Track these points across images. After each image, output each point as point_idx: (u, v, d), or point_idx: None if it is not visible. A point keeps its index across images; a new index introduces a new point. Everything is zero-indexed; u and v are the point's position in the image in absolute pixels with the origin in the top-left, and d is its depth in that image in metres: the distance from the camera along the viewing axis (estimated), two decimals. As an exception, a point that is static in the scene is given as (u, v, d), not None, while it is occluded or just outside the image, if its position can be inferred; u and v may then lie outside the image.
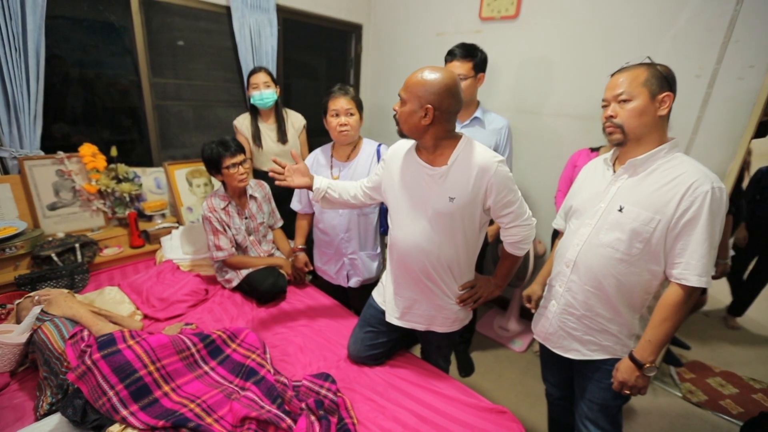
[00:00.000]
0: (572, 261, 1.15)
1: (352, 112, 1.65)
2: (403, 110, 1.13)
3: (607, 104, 1.07)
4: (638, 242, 1.02)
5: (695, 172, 0.97)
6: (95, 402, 1.06)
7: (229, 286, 1.88)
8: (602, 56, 2.01)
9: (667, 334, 1.02)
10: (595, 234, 1.10)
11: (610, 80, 1.07)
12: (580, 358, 1.18)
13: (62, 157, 1.92)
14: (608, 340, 1.13)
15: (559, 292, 1.20)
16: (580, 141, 2.12)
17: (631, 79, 1.01)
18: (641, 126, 1.02)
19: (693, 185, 0.96)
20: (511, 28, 2.30)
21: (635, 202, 1.03)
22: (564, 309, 1.19)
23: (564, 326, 1.20)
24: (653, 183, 1.01)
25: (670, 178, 0.99)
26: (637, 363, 1.04)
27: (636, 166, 1.05)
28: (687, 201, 0.96)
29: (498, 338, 2.44)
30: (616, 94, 1.03)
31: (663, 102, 1.00)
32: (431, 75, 1.08)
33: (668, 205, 0.98)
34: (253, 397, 1.14)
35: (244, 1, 2.29)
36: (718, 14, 1.67)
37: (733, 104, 1.69)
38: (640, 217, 1.01)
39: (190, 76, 2.38)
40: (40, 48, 1.73)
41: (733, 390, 2.11)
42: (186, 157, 2.46)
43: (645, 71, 1.01)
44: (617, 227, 1.05)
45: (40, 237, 1.83)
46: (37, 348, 1.24)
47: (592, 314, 1.13)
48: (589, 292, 1.12)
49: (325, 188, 1.39)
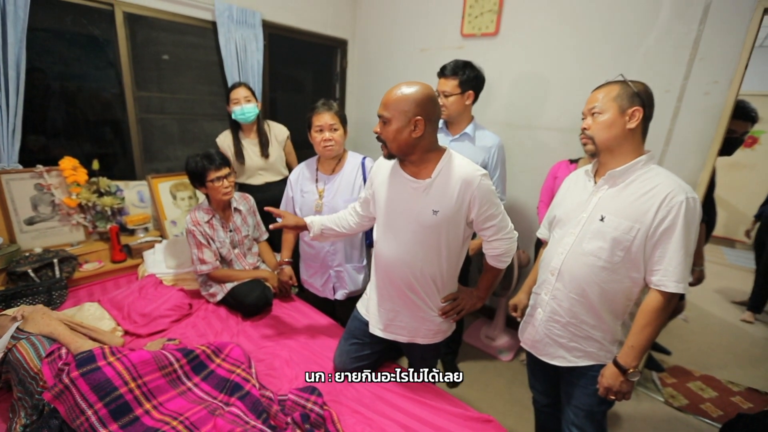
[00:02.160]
0: (557, 269, 1.18)
1: (336, 128, 1.66)
2: (389, 130, 1.12)
3: (585, 117, 1.14)
4: (619, 250, 1.06)
5: (670, 183, 1.02)
6: (73, 422, 1.02)
7: (213, 300, 1.86)
8: (578, 72, 2.09)
9: (649, 339, 1.06)
10: (578, 243, 1.13)
11: (591, 95, 1.13)
12: (565, 365, 1.21)
13: (41, 171, 1.88)
14: (592, 346, 1.16)
15: (545, 300, 1.22)
16: (560, 153, 2.19)
17: (604, 95, 1.08)
18: (610, 138, 1.08)
19: (668, 195, 1.00)
20: (492, 45, 2.39)
21: (616, 212, 1.07)
22: (550, 316, 1.21)
23: (550, 333, 1.22)
24: (632, 193, 1.06)
25: (647, 189, 1.04)
26: (621, 368, 1.08)
27: (615, 177, 1.10)
28: (663, 210, 1.01)
29: (485, 348, 2.45)
30: (590, 108, 1.11)
31: (632, 116, 1.05)
32: (411, 88, 1.10)
33: (646, 214, 1.02)
34: (237, 413, 1.12)
35: (230, 17, 2.32)
36: (683, 33, 1.77)
37: (701, 117, 1.78)
38: (621, 226, 1.05)
39: (174, 89, 2.38)
40: (20, 61, 1.71)
41: (712, 393, 2.16)
42: (170, 170, 2.44)
43: (617, 87, 1.07)
44: (599, 236, 1.09)
45: (16, 252, 1.78)
46: (11, 367, 1.20)
47: (577, 321, 1.16)
48: (573, 300, 1.15)
49: (319, 227, 1.46)
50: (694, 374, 2.31)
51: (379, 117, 1.14)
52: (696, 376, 2.30)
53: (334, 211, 1.71)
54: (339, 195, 1.72)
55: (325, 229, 1.47)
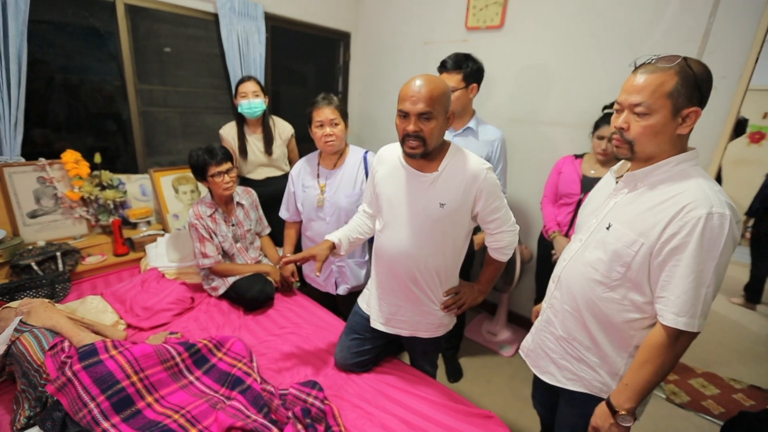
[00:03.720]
0: (557, 276, 1.08)
1: (336, 122, 1.64)
2: (432, 127, 1.07)
3: (621, 109, 0.89)
4: (619, 266, 0.90)
5: (695, 192, 0.81)
6: (75, 414, 1.03)
7: (215, 294, 1.86)
8: (584, 66, 2.06)
9: (647, 380, 0.88)
10: (582, 251, 1.00)
11: (632, 78, 0.86)
12: (554, 384, 1.09)
13: (44, 164, 1.88)
14: (585, 371, 1.02)
15: (543, 308, 1.15)
16: (565, 148, 2.16)
17: (655, 87, 0.82)
18: (654, 146, 0.87)
19: (686, 207, 0.81)
20: (497, 38, 2.35)
21: (624, 221, 0.91)
22: (544, 326, 1.12)
23: (543, 345, 1.12)
24: (648, 201, 0.88)
25: (667, 197, 0.85)
26: (612, 409, 0.92)
27: (636, 179, 0.92)
28: (675, 225, 0.82)
29: (486, 343, 2.45)
30: (633, 104, 0.85)
31: (687, 118, 0.83)
32: (441, 82, 1.09)
33: (654, 227, 0.84)
34: (239, 407, 1.13)
35: (232, 9, 2.30)
36: (692, 26, 1.73)
37: (709, 113, 1.74)
38: (624, 238, 0.89)
39: (177, 82, 2.36)
40: (21, 53, 1.70)
41: (714, 390, 2.15)
42: (172, 163, 2.43)
43: (675, 77, 0.81)
44: (601, 246, 0.94)
45: (19, 245, 1.79)
46: (15, 360, 1.21)
47: (569, 337, 1.04)
48: (566, 312, 1.04)
49: (347, 242, 1.37)
50: (696, 371, 2.31)
51: (420, 115, 1.06)
52: (698, 373, 2.29)
53: (336, 206, 1.70)
54: (341, 190, 1.71)
55: (352, 241, 1.40)
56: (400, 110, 1.10)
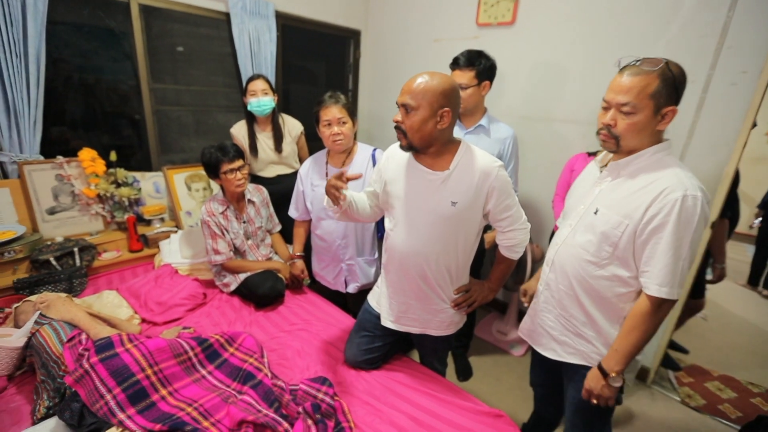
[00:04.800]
0: (551, 259, 1.18)
1: (344, 121, 1.63)
2: (414, 119, 1.08)
3: (608, 107, 0.99)
4: (607, 245, 1.01)
5: (670, 178, 0.93)
6: (92, 405, 1.06)
7: (227, 290, 1.89)
8: (597, 62, 2.03)
9: (634, 344, 1.00)
10: (572, 235, 1.11)
11: (618, 79, 0.96)
12: (556, 358, 1.19)
13: (61, 162, 1.93)
14: (583, 345, 1.13)
15: (539, 290, 1.24)
16: (577, 145, 2.13)
17: (641, 89, 0.92)
18: (637, 141, 0.98)
19: (664, 191, 0.92)
20: (508, 34, 2.33)
21: (609, 206, 1.03)
22: (543, 307, 1.22)
23: (543, 323, 1.22)
24: (630, 187, 1.00)
25: (646, 183, 0.97)
26: (603, 372, 1.03)
27: (619, 168, 1.04)
28: (655, 207, 0.93)
29: (496, 342, 2.44)
30: (620, 103, 0.95)
31: (665, 116, 0.94)
32: (438, 78, 1.08)
33: (637, 210, 0.96)
34: (250, 401, 1.14)
35: (243, 8, 2.32)
36: (710, 21, 1.69)
37: (727, 109, 1.71)
38: (611, 220, 1.00)
39: (189, 81, 2.40)
40: (40, 53, 1.75)
41: (731, 394, 2.11)
42: (185, 161, 2.47)
43: (657, 79, 0.91)
44: (590, 229, 1.05)
45: (38, 241, 1.84)
46: (35, 351, 1.25)
47: (567, 315, 1.15)
48: (562, 291, 1.14)
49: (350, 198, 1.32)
50: (713, 374, 2.26)
51: (402, 106, 1.09)
52: (714, 376, 2.24)
53: None
54: (350, 188, 1.71)
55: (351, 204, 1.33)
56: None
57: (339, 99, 1.63)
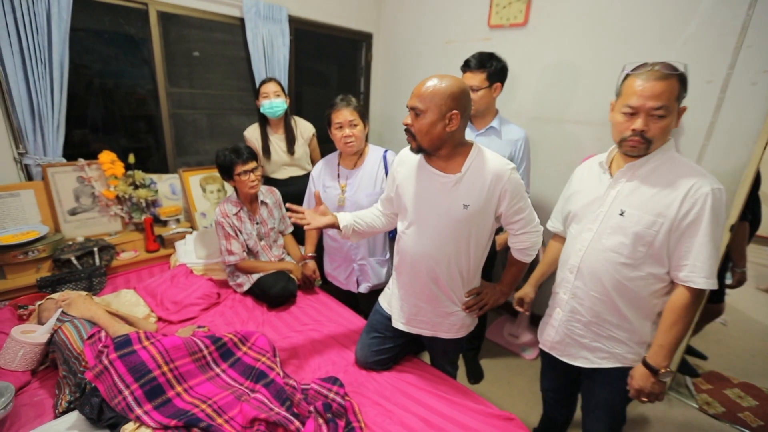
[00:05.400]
0: (576, 267, 1.14)
1: (355, 123, 1.65)
2: (423, 122, 1.09)
3: (635, 113, 0.98)
4: (641, 245, 1.02)
5: (693, 174, 0.98)
6: (111, 400, 1.09)
7: (240, 290, 1.92)
8: (613, 63, 2.00)
9: (677, 337, 1.02)
10: (597, 239, 1.09)
11: (643, 84, 0.95)
12: (588, 366, 1.18)
13: (83, 164, 1.99)
14: (617, 347, 1.12)
15: (564, 299, 1.19)
16: (590, 147, 2.11)
17: (670, 92, 0.94)
18: (662, 142, 1.01)
19: (693, 187, 0.96)
20: (520, 36, 2.32)
21: (637, 206, 1.03)
22: (570, 316, 1.18)
23: (571, 333, 1.19)
24: (653, 186, 1.02)
25: (670, 181, 0.99)
26: (652, 369, 1.04)
27: (635, 168, 1.05)
28: (688, 203, 0.96)
29: (508, 345, 2.42)
30: (654, 107, 0.95)
31: (679, 115, 0.99)
32: (447, 81, 1.08)
33: (670, 207, 0.98)
34: (262, 399, 1.16)
35: (257, 13, 2.36)
36: (729, 19, 1.65)
37: (747, 109, 1.67)
38: (643, 220, 1.01)
39: (204, 85, 2.45)
40: (64, 60, 1.81)
41: (752, 402, 2.04)
42: (200, 163, 2.52)
43: (677, 83, 0.95)
44: (619, 231, 1.04)
45: (60, 241, 1.90)
46: (57, 348, 1.29)
47: (599, 320, 1.13)
48: (594, 298, 1.12)
49: (351, 224, 1.36)
50: (732, 381, 2.20)
51: (412, 109, 1.11)
52: (734, 383, 2.18)
53: (357, 205, 1.72)
54: (361, 189, 1.73)
55: (358, 230, 1.38)
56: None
57: (350, 102, 1.65)
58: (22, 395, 1.24)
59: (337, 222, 1.34)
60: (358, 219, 1.39)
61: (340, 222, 1.34)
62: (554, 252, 1.36)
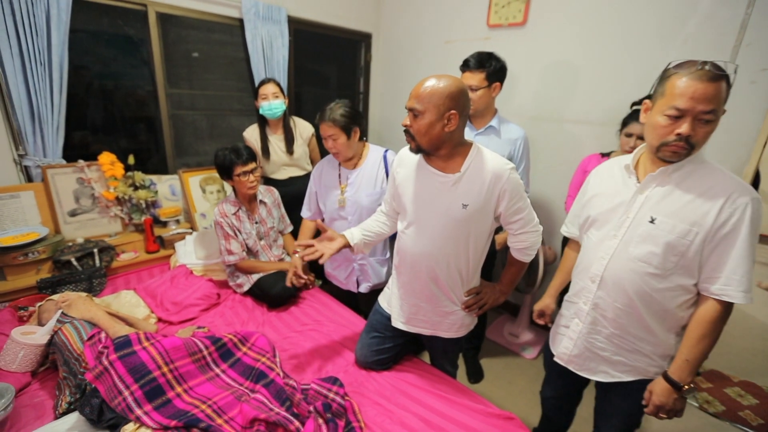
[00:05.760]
0: (599, 276, 1.07)
1: (335, 137, 1.62)
2: (421, 123, 1.09)
3: (681, 115, 0.88)
4: (673, 255, 0.95)
5: (731, 182, 0.91)
6: (111, 401, 1.09)
7: (240, 291, 1.92)
8: (611, 62, 2.00)
9: (705, 352, 0.97)
10: (623, 247, 1.02)
11: (695, 84, 0.85)
12: (608, 381, 1.12)
13: (82, 166, 1.99)
14: (639, 360, 1.07)
15: (585, 310, 1.11)
16: (589, 146, 2.11)
17: (721, 95, 0.86)
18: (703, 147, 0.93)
19: (732, 196, 0.90)
20: (520, 35, 2.32)
21: (669, 214, 0.95)
22: (591, 328, 1.11)
23: (591, 346, 1.12)
24: (687, 192, 0.94)
25: (706, 188, 0.92)
26: (675, 385, 0.98)
27: (668, 174, 0.97)
28: (726, 212, 0.90)
29: (508, 345, 2.42)
30: (704, 111, 0.86)
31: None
32: (444, 81, 1.08)
33: (706, 216, 0.91)
34: (262, 399, 1.16)
35: (256, 13, 2.36)
36: (728, 18, 1.65)
37: (746, 108, 1.67)
38: (676, 229, 0.94)
39: (204, 86, 2.45)
40: (63, 61, 1.81)
41: (753, 401, 2.04)
42: (200, 164, 2.52)
43: (726, 86, 0.86)
44: (649, 240, 0.97)
45: (60, 242, 1.90)
46: (57, 349, 1.29)
47: (623, 332, 1.06)
48: (619, 310, 1.05)
49: (361, 239, 1.38)
50: (733, 380, 2.19)
51: (410, 110, 1.11)
52: (734, 382, 2.18)
53: (358, 204, 1.72)
54: (361, 189, 1.73)
55: (368, 242, 1.41)
56: None
57: (328, 116, 1.60)
58: (23, 396, 1.25)
59: (348, 241, 1.35)
60: (366, 231, 1.41)
61: (350, 240, 1.36)
62: (571, 260, 1.31)
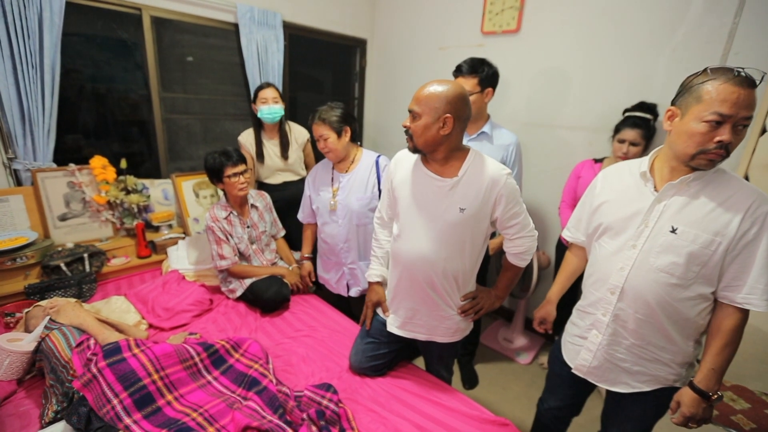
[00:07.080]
0: (619, 287, 1.05)
1: (326, 137, 1.68)
2: (418, 124, 1.13)
3: (722, 122, 0.86)
4: (695, 265, 0.95)
5: (750, 191, 0.92)
6: (100, 410, 1.07)
7: (233, 296, 1.90)
8: (603, 69, 2.03)
9: (728, 359, 0.98)
10: (644, 258, 1.00)
11: (737, 90, 0.84)
12: (627, 392, 1.11)
13: (73, 169, 1.97)
14: (659, 369, 1.07)
15: (604, 321, 1.09)
16: (582, 152, 2.13)
17: (755, 100, 0.86)
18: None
19: (753, 205, 0.90)
20: (513, 42, 2.34)
21: (691, 223, 0.94)
22: (612, 339, 1.10)
23: (611, 358, 1.11)
24: (707, 202, 0.94)
25: (725, 197, 0.93)
26: (703, 394, 0.98)
27: (687, 182, 0.96)
28: (748, 221, 0.90)
29: (503, 350, 2.41)
30: (744, 117, 0.85)
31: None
32: (443, 86, 1.11)
33: (729, 226, 0.91)
34: (254, 407, 1.14)
35: (251, 18, 2.36)
36: (716, 27, 1.69)
37: (735, 115, 1.70)
38: (700, 239, 0.93)
39: (198, 90, 2.44)
40: (55, 64, 1.80)
41: (745, 405, 2.06)
42: (193, 169, 2.51)
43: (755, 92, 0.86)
44: (671, 250, 0.96)
45: (50, 247, 1.87)
46: (44, 356, 1.26)
47: (644, 343, 1.06)
48: (640, 320, 1.04)
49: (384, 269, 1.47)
50: (725, 384, 2.21)
51: (410, 112, 1.15)
52: (727, 386, 2.19)
53: (348, 208, 1.73)
54: (352, 193, 1.73)
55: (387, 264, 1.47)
56: None
57: (319, 117, 1.69)
58: (8, 405, 1.22)
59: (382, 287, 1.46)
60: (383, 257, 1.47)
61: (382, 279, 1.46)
62: (573, 265, 1.31)
